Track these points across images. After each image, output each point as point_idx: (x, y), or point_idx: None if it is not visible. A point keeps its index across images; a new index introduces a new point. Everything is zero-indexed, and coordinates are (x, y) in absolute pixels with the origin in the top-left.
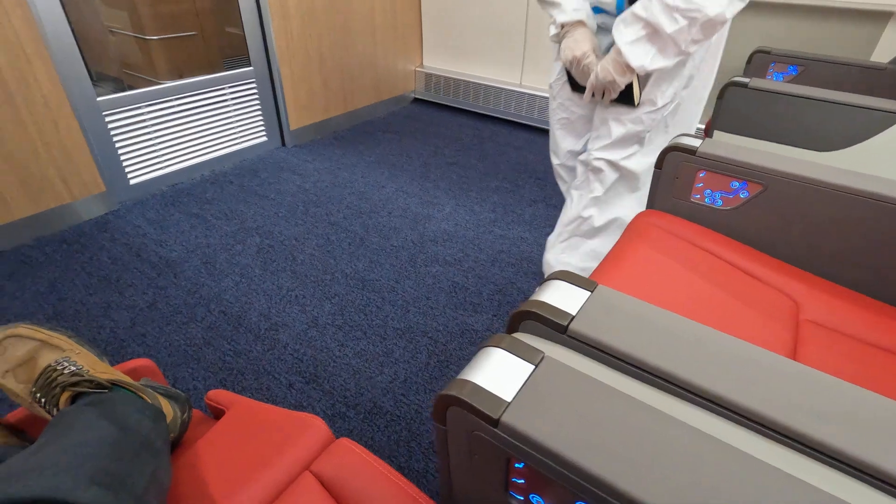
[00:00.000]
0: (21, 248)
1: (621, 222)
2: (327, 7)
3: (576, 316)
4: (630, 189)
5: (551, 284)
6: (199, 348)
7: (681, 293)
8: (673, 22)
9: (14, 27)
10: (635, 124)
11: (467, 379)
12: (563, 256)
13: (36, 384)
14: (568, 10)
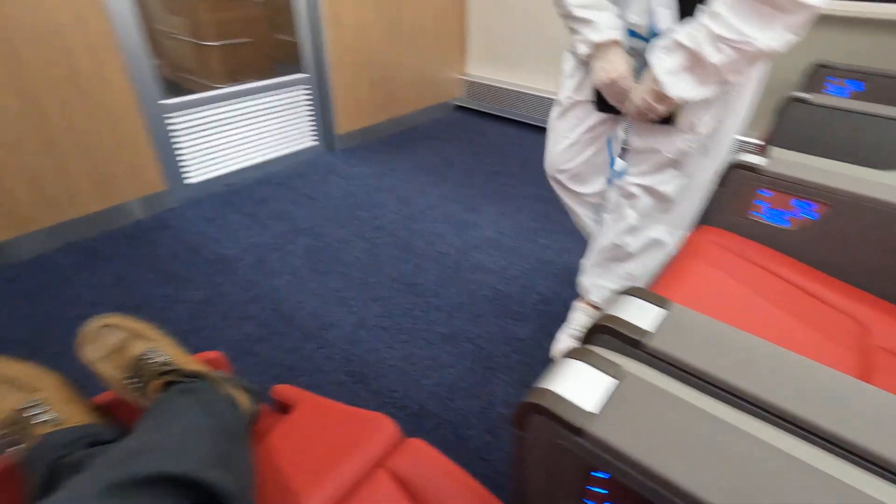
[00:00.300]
0: (90, 240)
1: (656, 242)
2: (378, 16)
3: (653, 333)
4: (664, 211)
5: (624, 300)
6: (254, 343)
7: (744, 313)
8: (719, 53)
9: (94, 33)
10: (675, 154)
11: (550, 388)
12: (599, 281)
13: (129, 370)
14: (603, 28)
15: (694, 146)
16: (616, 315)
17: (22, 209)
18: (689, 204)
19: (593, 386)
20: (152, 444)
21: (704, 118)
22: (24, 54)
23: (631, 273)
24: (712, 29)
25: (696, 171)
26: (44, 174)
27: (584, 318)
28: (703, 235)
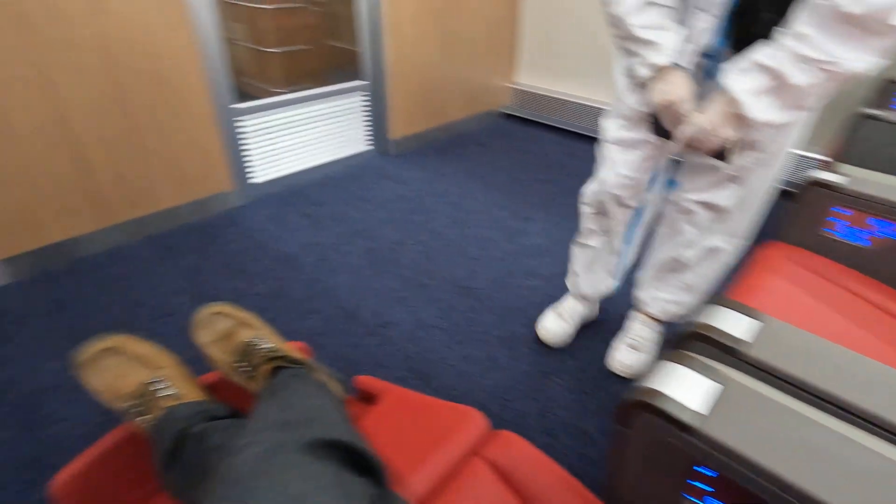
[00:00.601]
0: (165, 234)
1: (713, 250)
2: (436, 25)
3: (752, 343)
4: (721, 221)
5: (717, 311)
6: (320, 337)
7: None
8: (804, 74)
9: (181, 43)
10: (736, 169)
11: (657, 389)
12: (656, 293)
13: (238, 355)
14: (667, 51)
15: (754, 161)
16: (712, 324)
17: (108, 203)
18: (747, 213)
19: (699, 389)
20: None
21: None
22: (120, 58)
23: (689, 283)
24: (798, 50)
25: (755, 182)
26: (129, 171)
27: (643, 329)
28: (774, 251)
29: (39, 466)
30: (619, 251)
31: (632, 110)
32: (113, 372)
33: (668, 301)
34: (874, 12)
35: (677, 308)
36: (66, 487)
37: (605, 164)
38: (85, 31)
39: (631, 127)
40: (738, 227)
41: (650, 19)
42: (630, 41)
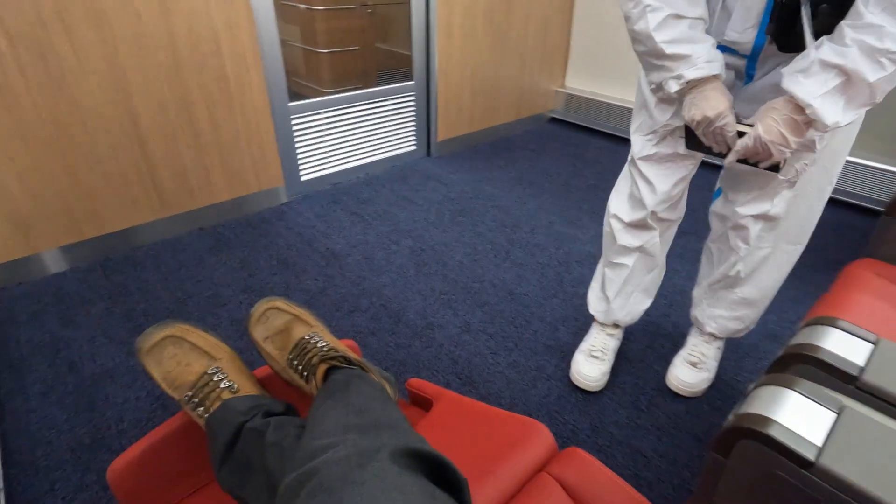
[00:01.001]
0: (218, 227)
1: (766, 259)
2: (487, 28)
3: (865, 368)
4: (773, 229)
5: (824, 331)
6: (365, 336)
7: None
8: (878, 69)
9: (243, 42)
10: (789, 175)
11: (766, 415)
12: (713, 311)
13: (292, 352)
14: (700, 63)
15: (809, 162)
16: (821, 346)
17: (167, 195)
18: (803, 218)
19: (812, 417)
20: (381, 422)
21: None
22: (186, 56)
23: (746, 297)
24: (871, 42)
25: (810, 184)
26: (187, 165)
27: (703, 346)
28: (865, 268)
29: (95, 449)
30: (661, 265)
31: (661, 125)
32: (173, 361)
33: (727, 318)
34: None
35: (738, 324)
36: (121, 474)
37: (638, 181)
38: (155, 29)
39: (661, 142)
40: (795, 233)
41: (678, 33)
42: (657, 57)
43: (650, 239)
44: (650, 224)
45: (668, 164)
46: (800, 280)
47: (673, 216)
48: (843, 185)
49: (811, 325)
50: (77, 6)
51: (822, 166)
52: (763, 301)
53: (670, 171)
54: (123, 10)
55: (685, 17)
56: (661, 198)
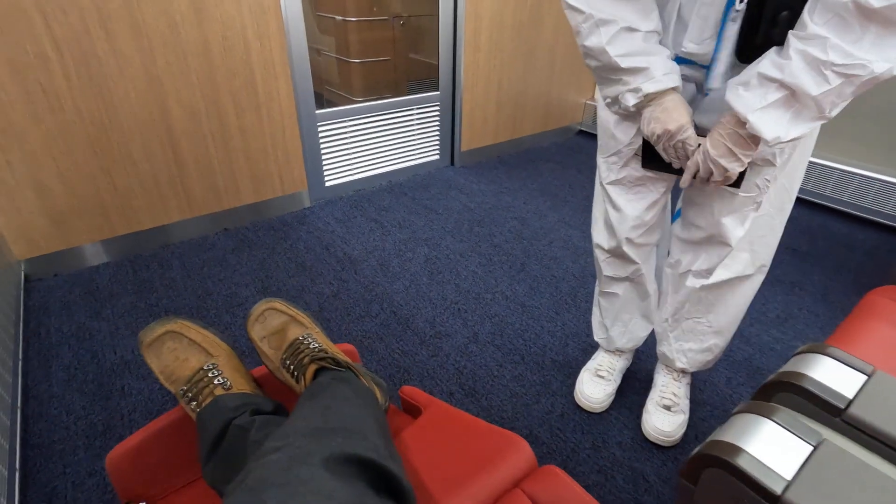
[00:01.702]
0: (242, 228)
1: (734, 282)
2: (515, 41)
3: (853, 400)
4: (738, 251)
5: (815, 359)
6: (373, 342)
7: None
8: (822, 82)
9: (272, 49)
10: (749, 193)
11: (735, 444)
12: (682, 345)
13: (286, 352)
14: (658, 75)
15: (770, 181)
16: (809, 375)
17: (195, 196)
18: (765, 238)
19: (785, 448)
20: (340, 427)
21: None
22: (218, 63)
23: (712, 326)
24: (815, 54)
25: (769, 203)
26: (216, 167)
27: (674, 385)
28: (886, 295)
29: (107, 436)
30: (654, 290)
31: (625, 145)
32: (172, 355)
33: (698, 350)
34: (893, 3)
35: (708, 355)
36: (118, 463)
37: (608, 207)
38: (190, 38)
39: (626, 165)
40: (758, 254)
41: (632, 46)
42: (613, 72)
43: (636, 270)
44: (628, 254)
45: (637, 188)
46: (830, 305)
47: (651, 240)
48: (885, 206)
49: (804, 352)
50: (120, 16)
51: (781, 184)
52: (730, 328)
53: (640, 196)
54: (162, 19)
55: (638, 29)
56: (632, 223)
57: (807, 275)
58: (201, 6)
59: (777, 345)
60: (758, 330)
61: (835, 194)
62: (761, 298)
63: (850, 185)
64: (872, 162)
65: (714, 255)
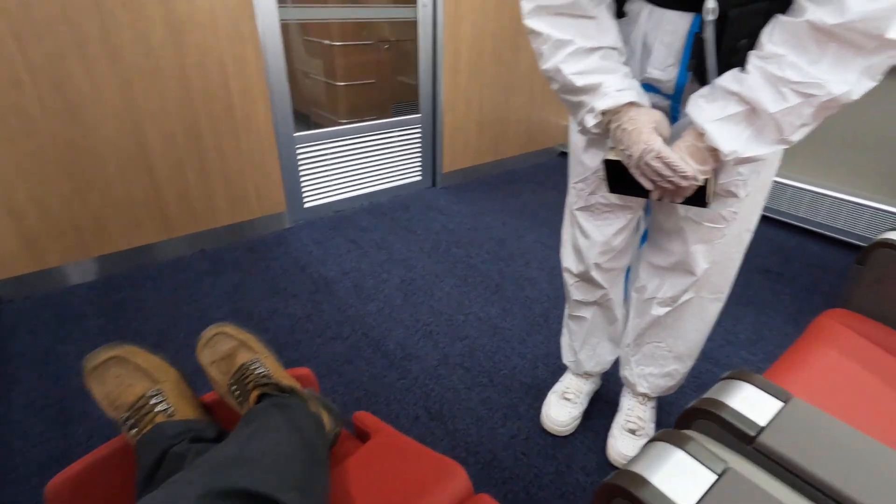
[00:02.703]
0: (219, 250)
1: (694, 308)
2: (494, 64)
3: (765, 428)
4: (700, 279)
5: (734, 385)
6: (342, 364)
7: (878, 414)
8: (780, 99)
9: (250, 73)
10: (715, 235)
11: (641, 474)
12: (643, 370)
13: (233, 377)
14: (610, 91)
15: (736, 210)
16: (724, 402)
17: (172, 217)
18: (725, 266)
19: (692, 480)
20: (244, 458)
21: (748, 179)
22: (195, 86)
23: (671, 350)
24: (772, 71)
25: (730, 232)
26: (193, 189)
27: (639, 408)
28: (837, 318)
29: (63, 463)
30: (622, 315)
31: (592, 171)
32: (116, 381)
33: (658, 376)
34: (851, 23)
35: (669, 380)
36: (59, 492)
37: (576, 232)
38: (167, 62)
39: (593, 193)
40: (716, 282)
41: (589, 64)
42: (572, 93)
43: (603, 295)
44: (596, 279)
45: (605, 214)
46: (800, 326)
47: (619, 265)
48: (855, 227)
49: (727, 378)
50: (95, 40)
51: (742, 215)
52: (691, 355)
53: (608, 222)
54: (139, 44)
55: (597, 48)
56: (600, 249)
57: (778, 295)
58: (178, 32)
59: (746, 366)
60: (728, 352)
61: (808, 215)
62: (731, 319)
63: (822, 206)
64: (844, 184)
65: (679, 284)
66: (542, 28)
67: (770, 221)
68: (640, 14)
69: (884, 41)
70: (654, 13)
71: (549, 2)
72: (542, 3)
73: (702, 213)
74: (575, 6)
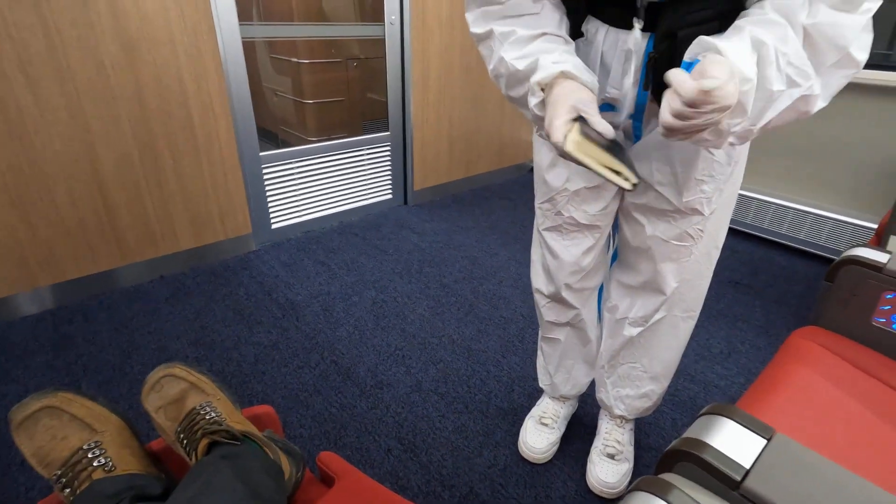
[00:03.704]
0: (180, 275)
1: (667, 327)
2: (464, 81)
3: (750, 471)
4: (672, 299)
5: (715, 422)
6: (310, 395)
7: (859, 440)
8: (781, 80)
9: (210, 91)
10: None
11: None
12: (619, 392)
13: (181, 424)
14: (546, 64)
15: (702, 228)
16: (707, 442)
17: (127, 243)
18: (695, 285)
19: None
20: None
21: (707, 191)
22: (153, 106)
23: (647, 370)
24: (779, 47)
25: (698, 250)
26: (151, 212)
27: (617, 432)
28: (809, 337)
29: None
30: (597, 336)
31: (556, 191)
32: (48, 434)
33: (635, 397)
34: (821, 25)
35: (646, 401)
36: None
37: (545, 253)
38: (121, 82)
39: (559, 213)
40: (687, 301)
41: (532, 48)
42: (517, 82)
43: (576, 315)
44: (567, 300)
45: (573, 234)
46: (772, 338)
47: (591, 284)
48: (818, 238)
49: (707, 413)
50: (41, 60)
51: (708, 232)
52: (666, 375)
53: (576, 242)
54: (90, 63)
55: (539, 34)
56: (570, 269)
57: (749, 308)
58: (132, 50)
59: (721, 381)
60: (702, 367)
61: (773, 227)
62: (705, 334)
63: (786, 218)
64: (806, 197)
65: (650, 304)
66: (485, 28)
67: (737, 234)
68: (597, 34)
69: (845, 56)
70: (610, 33)
71: (492, 7)
72: (486, 9)
73: (668, 231)
74: (517, 7)
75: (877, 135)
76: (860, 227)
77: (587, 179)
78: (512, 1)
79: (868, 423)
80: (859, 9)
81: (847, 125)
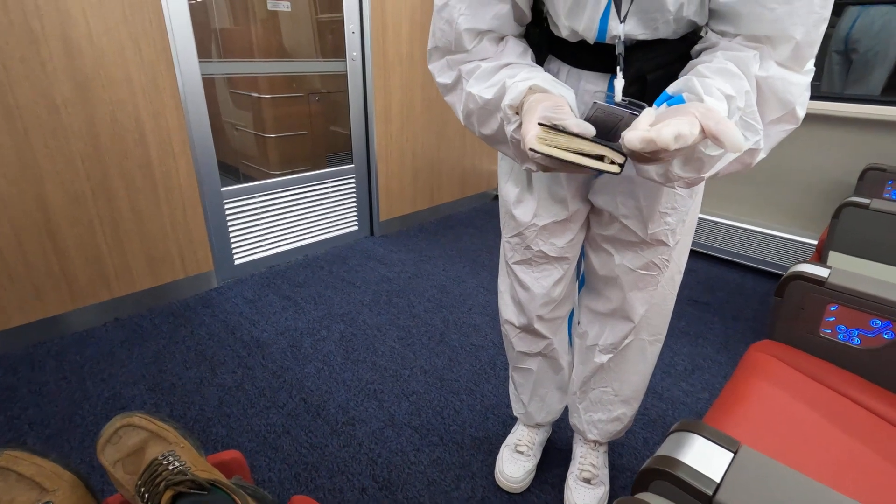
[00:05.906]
0: (137, 317)
1: (634, 352)
2: (425, 112)
3: (721, 484)
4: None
5: (684, 438)
6: (279, 436)
7: (817, 447)
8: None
9: (169, 128)
10: (649, 282)
11: None
12: (591, 416)
13: (142, 477)
14: (514, 84)
15: (667, 258)
16: (678, 458)
17: (79, 284)
18: (661, 310)
19: None
20: None
21: (673, 224)
22: (107, 144)
23: (618, 393)
24: (738, 102)
25: (663, 278)
26: (105, 253)
27: (592, 455)
28: (765, 350)
29: None
30: (568, 363)
31: (525, 226)
32: None
33: (607, 421)
34: (771, 79)
35: (618, 424)
36: None
37: (515, 285)
38: (74, 119)
39: (528, 247)
40: (654, 324)
41: (498, 77)
42: (488, 114)
43: (548, 345)
44: (539, 331)
45: (542, 266)
46: (731, 353)
47: (562, 313)
48: (766, 255)
49: (677, 430)
50: None
51: (673, 259)
52: (636, 397)
53: (546, 273)
54: (40, 102)
55: (504, 64)
56: (541, 301)
57: (708, 325)
58: (86, 88)
59: (687, 398)
60: (668, 384)
61: (725, 246)
62: (669, 352)
63: (735, 237)
64: (754, 217)
65: (618, 331)
66: (452, 75)
67: (692, 253)
68: (559, 74)
69: (790, 112)
70: (572, 74)
71: (456, 56)
72: (450, 58)
73: (634, 261)
74: (481, 51)
75: (815, 159)
76: (803, 243)
77: (554, 214)
78: (477, 48)
79: (823, 430)
80: (804, 68)
81: (788, 151)
